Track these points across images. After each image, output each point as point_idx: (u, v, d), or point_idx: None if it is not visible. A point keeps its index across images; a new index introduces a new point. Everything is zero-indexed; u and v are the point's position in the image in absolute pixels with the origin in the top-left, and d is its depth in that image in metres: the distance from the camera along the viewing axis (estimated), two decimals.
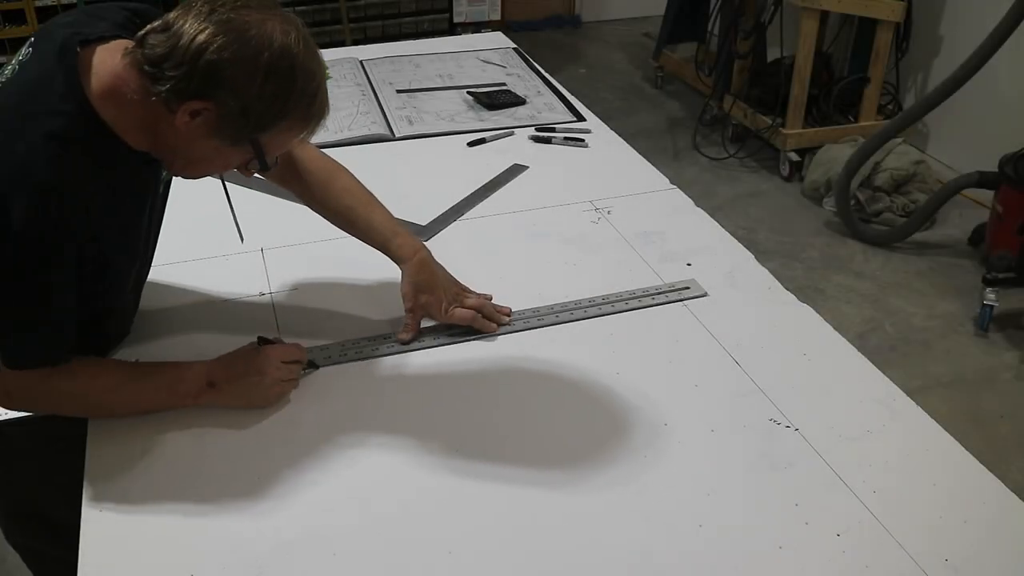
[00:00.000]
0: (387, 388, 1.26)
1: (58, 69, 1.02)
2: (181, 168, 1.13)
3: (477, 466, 1.13)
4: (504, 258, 1.56)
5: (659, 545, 1.02)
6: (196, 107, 1.00)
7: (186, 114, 1.01)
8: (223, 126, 1.03)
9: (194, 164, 1.11)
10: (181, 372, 1.19)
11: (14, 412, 1.21)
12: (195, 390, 1.17)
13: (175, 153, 1.08)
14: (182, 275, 1.49)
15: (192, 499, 1.07)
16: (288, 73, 1.01)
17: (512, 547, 1.02)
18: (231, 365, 1.19)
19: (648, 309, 1.42)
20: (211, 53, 0.98)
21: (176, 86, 0.99)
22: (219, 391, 1.18)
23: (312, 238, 1.60)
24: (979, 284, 2.93)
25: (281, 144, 1.11)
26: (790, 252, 3.35)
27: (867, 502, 1.07)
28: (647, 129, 4.31)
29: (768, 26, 3.80)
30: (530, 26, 5.46)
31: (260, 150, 1.08)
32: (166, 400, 1.18)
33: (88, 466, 1.12)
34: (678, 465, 1.13)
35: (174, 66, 0.98)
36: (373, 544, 1.02)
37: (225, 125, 1.03)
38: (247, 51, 0.99)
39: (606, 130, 2.05)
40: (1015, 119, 3.39)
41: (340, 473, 1.11)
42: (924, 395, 2.53)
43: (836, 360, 1.32)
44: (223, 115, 1.02)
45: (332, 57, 2.42)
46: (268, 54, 1.00)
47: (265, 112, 1.03)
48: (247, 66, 0.99)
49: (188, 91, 0.99)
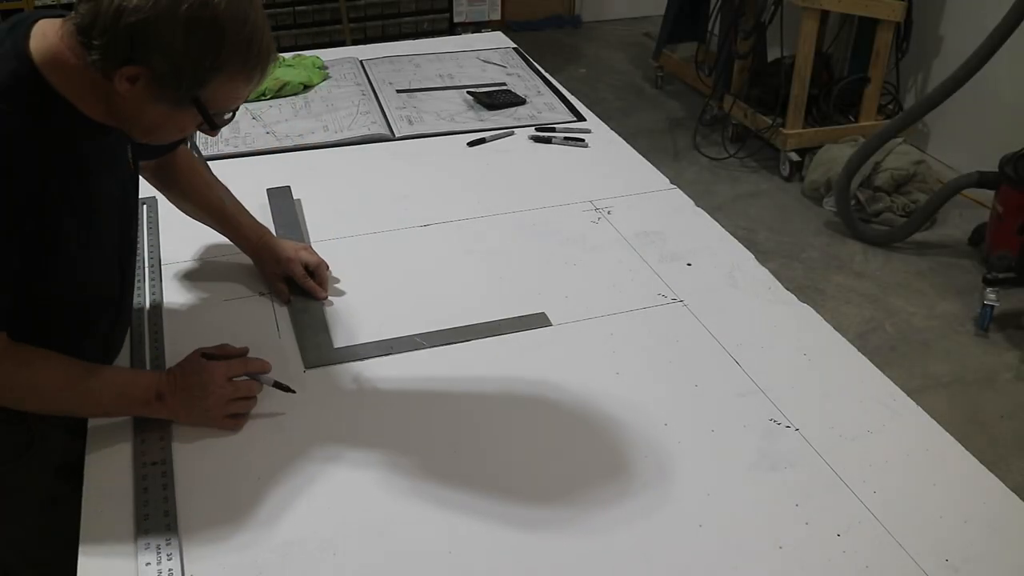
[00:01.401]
0: (387, 389, 1.26)
1: (8, 35, 1.02)
2: (141, 136, 1.10)
3: (477, 466, 1.13)
4: (504, 258, 1.56)
5: (659, 545, 1.02)
6: (129, 72, 0.98)
7: (123, 80, 0.99)
8: (161, 88, 1.00)
9: (151, 131, 1.09)
10: (135, 378, 1.17)
11: None
12: (143, 398, 1.14)
13: (131, 121, 1.07)
14: (182, 276, 1.49)
15: (192, 499, 1.07)
16: (211, 23, 0.97)
17: (511, 547, 1.02)
18: (178, 378, 1.16)
19: (648, 309, 1.42)
20: (128, 15, 0.95)
21: (105, 53, 0.97)
22: (166, 404, 1.14)
23: (312, 238, 1.60)
24: (979, 284, 2.93)
25: (226, 98, 1.06)
26: (790, 252, 3.35)
27: (867, 502, 1.07)
28: (647, 129, 4.31)
29: (768, 26, 3.80)
30: (530, 26, 5.46)
31: (204, 109, 1.04)
32: (115, 404, 1.14)
33: (88, 465, 1.12)
34: (678, 465, 1.13)
35: (99, 33, 0.96)
36: (373, 545, 1.02)
37: (163, 87, 1.00)
38: (163, 7, 0.95)
39: (606, 130, 2.05)
40: (1015, 119, 3.39)
41: (340, 473, 1.11)
42: (924, 395, 2.53)
43: (836, 360, 1.32)
44: (156, 77, 0.99)
45: (332, 57, 2.42)
46: (186, 6, 0.96)
47: (197, 67, 0.99)
48: (167, 23, 0.96)
49: (117, 57, 0.97)
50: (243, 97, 1.09)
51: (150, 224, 1.61)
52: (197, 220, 1.47)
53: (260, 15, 1.03)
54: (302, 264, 1.43)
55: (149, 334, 1.34)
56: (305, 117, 2.07)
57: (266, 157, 1.89)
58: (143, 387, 1.15)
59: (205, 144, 1.90)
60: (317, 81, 2.25)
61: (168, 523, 1.03)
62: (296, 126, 2.02)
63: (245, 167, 1.84)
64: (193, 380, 1.15)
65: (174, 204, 1.47)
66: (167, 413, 1.15)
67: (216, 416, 1.16)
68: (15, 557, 1.29)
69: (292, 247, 1.45)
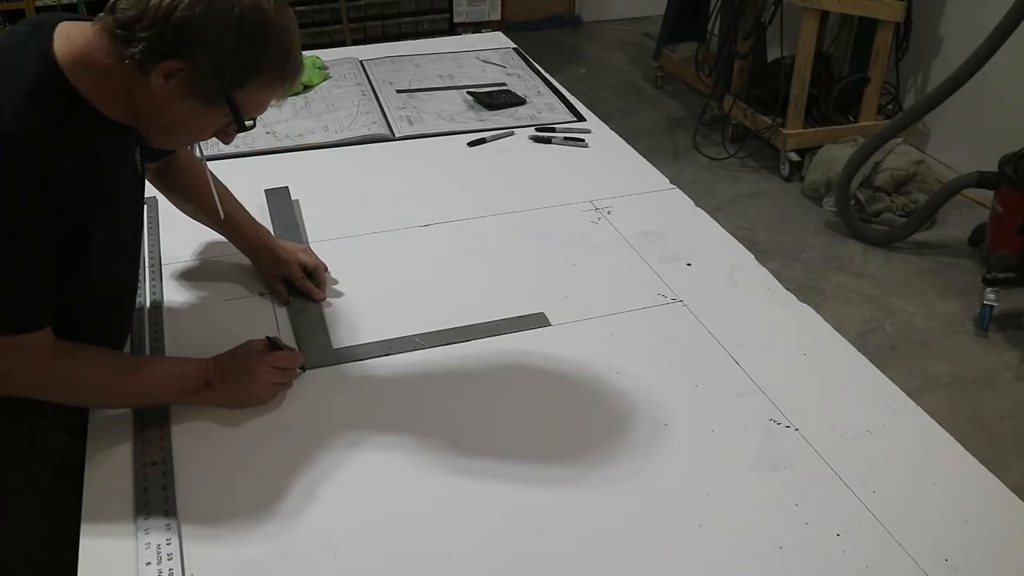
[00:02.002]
0: (387, 388, 1.26)
1: (31, 38, 1.02)
2: (157, 136, 1.12)
3: (477, 466, 1.13)
4: (504, 258, 1.56)
5: (659, 545, 1.02)
6: (170, 67, 1.00)
7: (161, 75, 1.00)
8: (199, 85, 1.02)
9: (170, 131, 1.10)
10: (183, 366, 1.19)
11: None
12: (193, 387, 1.18)
13: (150, 121, 1.08)
14: (182, 275, 1.49)
15: (192, 499, 1.07)
16: (261, 28, 1.01)
17: (511, 547, 1.02)
18: (227, 365, 1.20)
19: (648, 309, 1.42)
20: (182, 11, 0.97)
21: (149, 47, 0.98)
22: (213, 390, 1.18)
23: (312, 239, 1.60)
24: (979, 284, 2.93)
25: (257, 103, 1.10)
26: (790, 252, 3.35)
27: (867, 502, 1.07)
28: (647, 129, 4.31)
29: (768, 26, 3.80)
30: (530, 26, 5.46)
31: (236, 109, 1.07)
32: (166, 393, 1.18)
33: (88, 465, 1.12)
34: (678, 465, 1.13)
35: (146, 27, 0.98)
36: (373, 544, 1.02)
37: (201, 84, 1.02)
38: (217, 7, 0.98)
39: (606, 130, 2.05)
40: (1015, 119, 3.39)
41: (340, 473, 1.11)
42: (924, 395, 2.54)
43: (836, 360, 1.32)
44: (198, 74, 1.01)
45: (332, 57, 2.42)
46: (239, 9, 0.99)
47: (240, 68, 1.02)
48: (219, 22, 0.99)
49: (161, 51, 0.99)
50: (267, 104, 1.12)
51: (150, 224, 1.61)
52: (197, 221, 1.47)
53: (296, 30, 1.07)
54: (300, 265, 1.44)
55: (149, 334, 1.34)
56: (305, 117, 2.07)
57: (266, 157, 1.90)
58: (192, 376, 1.18)
59: (206, 144, 1.90)
60: (317, 81, 2.25)
61: (168, 523, 1.03)
62: (296, 126, 2.02)
63: (245, 167, 1.85)
64: (242, 366, 1.19)
65: (175, 205, 1.48)
66: (214, 399, 1.19)
67: (264, 397, 1.21)
68: (15, 557, 1.29)
69: (291, 248, 1.46)
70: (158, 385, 1.17)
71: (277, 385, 1.22)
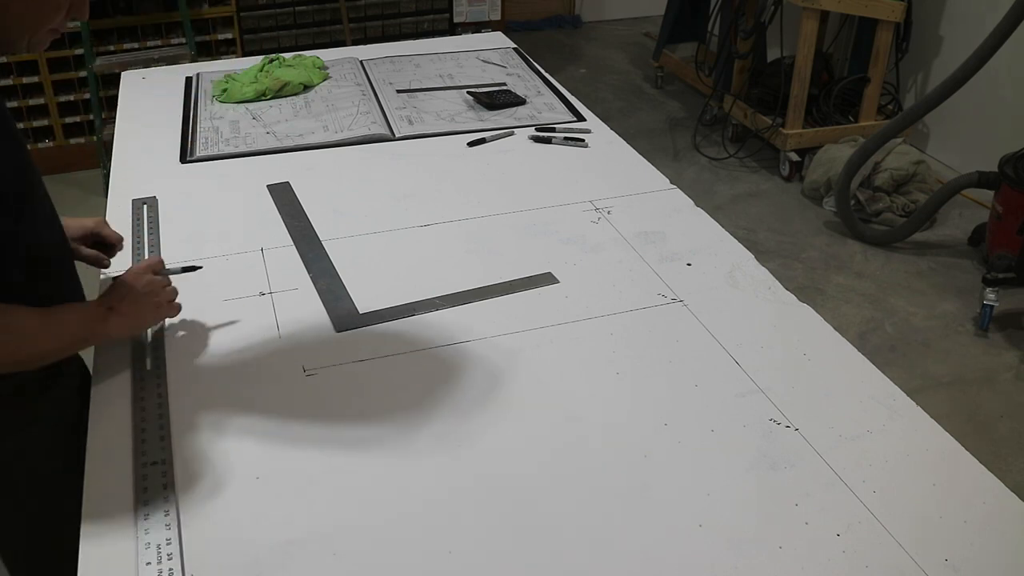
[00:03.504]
0: (386, 388, 1.26)
1: None
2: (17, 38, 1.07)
3: (476, 466, 1.13)
4: (504, 258, 1.56)
5: (659, 545, 1.02)
6: None
7: None
8: None
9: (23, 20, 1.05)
10: (83, 304, 1.24)
11: None
12: (100, 315, 1.21)
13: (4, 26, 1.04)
14: (182, 275, 1.49)
15: (192, 499, 1.07)
16: None
17: (511, 547, 1.02)
18: (119, 288, 1.25)
19: (648, 309, 1.42)
20: None
21: None
22: (119, 312, 1.22)
23: None
24: (979, 284, 2.93)
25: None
26: (790, 252, 3.35)
27: (867, 502, 1.07)
28: (647, 129, 4.32)
29: (768, 26, 3.80)
30: (530, 26, 5.47)
31: None
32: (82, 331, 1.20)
33: (88, 464, 1.12)
34: (678, 465, 1.13)
35: None
36: (373, 544, 1.02)
37: None
38: None
39: (606, 130, 2.05)
40: (1015, 119, 3.39)
41: (339, 473, 1.11)
42: (924, 395, 2.54)
43: (836, 360, 1.32)
44: None
45: (332, 57, 2.42)
46: None
47: None
48: None
49: None
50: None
51: (150, 224, 1.61)
52: None
53: None
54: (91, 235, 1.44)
55: (150, 334, 1.34)
56: (305, 117, 2.07)
57: (266, 157, 1.90)
58: (94, 306, 1.22)
59: (206, 144, 1.91)
60: (317, 81, 2.25)
61: (168, 523, 1.03)
62: (296, 126, 2.02)
63: (245, 167, 1.85)
64: (137, 282, 1.26)
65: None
66: (123, 324, 1.23)
67: (165, 308, 1.29)
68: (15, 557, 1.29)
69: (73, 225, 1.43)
70: (72, 322, 1.18)
71: (163, 290, 1.28)
